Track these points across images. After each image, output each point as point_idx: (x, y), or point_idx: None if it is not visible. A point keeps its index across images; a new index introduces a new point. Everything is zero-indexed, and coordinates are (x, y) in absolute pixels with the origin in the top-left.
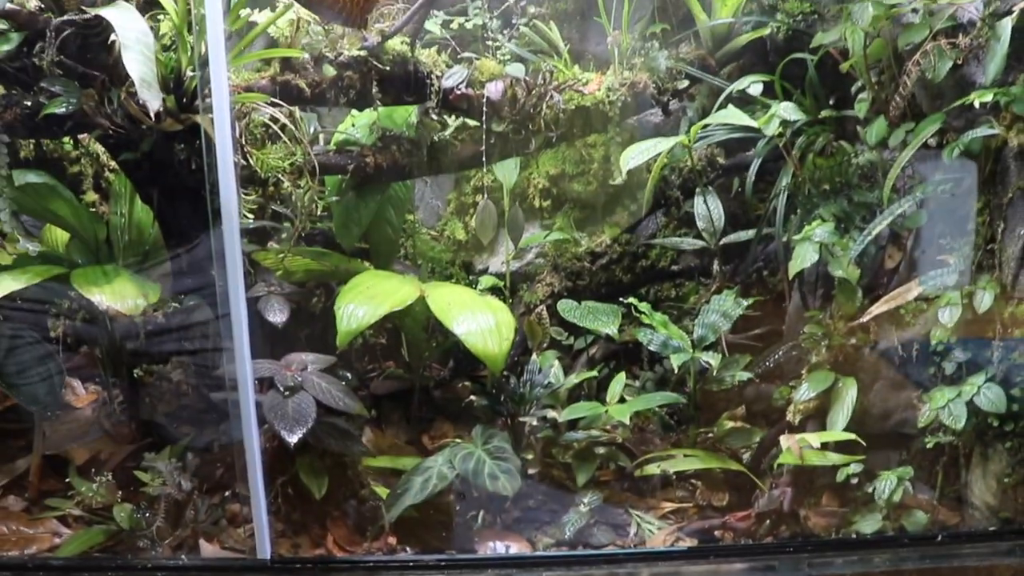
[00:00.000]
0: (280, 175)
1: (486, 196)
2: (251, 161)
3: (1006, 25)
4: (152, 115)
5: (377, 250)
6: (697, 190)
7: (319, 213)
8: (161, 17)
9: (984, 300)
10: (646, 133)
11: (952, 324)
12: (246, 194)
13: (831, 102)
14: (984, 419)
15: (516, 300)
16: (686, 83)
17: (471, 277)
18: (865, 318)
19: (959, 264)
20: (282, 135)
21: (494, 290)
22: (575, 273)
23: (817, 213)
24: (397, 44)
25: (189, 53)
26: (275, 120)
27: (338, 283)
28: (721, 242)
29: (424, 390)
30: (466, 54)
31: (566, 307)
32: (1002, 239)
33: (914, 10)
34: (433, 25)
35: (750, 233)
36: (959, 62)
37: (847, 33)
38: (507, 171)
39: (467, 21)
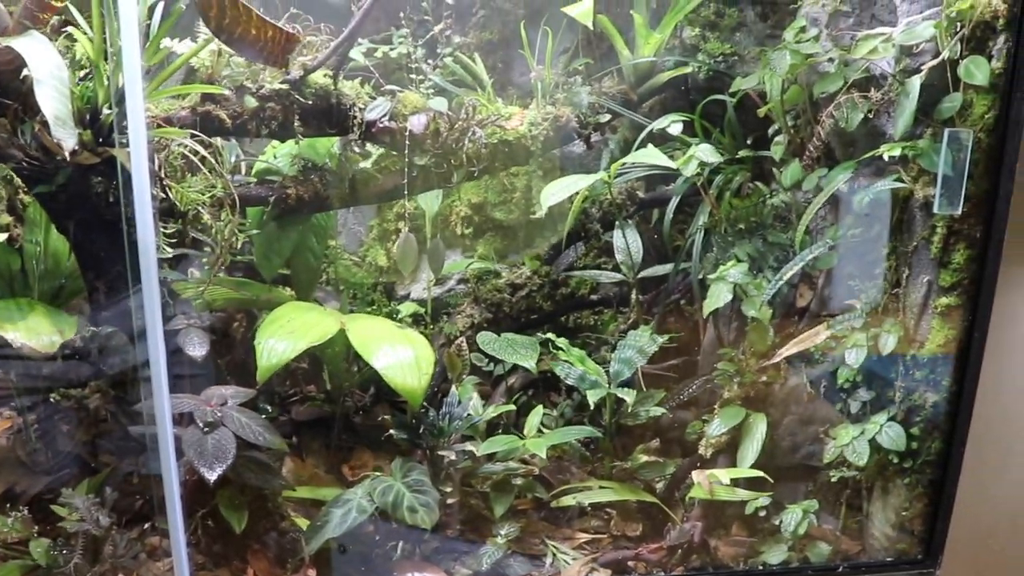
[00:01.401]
0: (200, 207)
1: (407, 228)
2: (170, 194)
3: (915, 83)
4: (67, 154)
5: (299, 278)
6: (616, 223)
7: (240, 246)
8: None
9: (888, 343)
10: (568, 164)
11: (858, 364)
12: (165, 226)
13: (749, 142)
14: (885, 455)
15: (437, 328)
16: (608, 116)
17: (393, 303)
18: (775, 359)
19: (866, 308)
20: (202, 167)
21: (415, 317)
22: (495, 304)
23: (732, 252)
24: (320, 77)
25: (106, 85)
26: (195, 152)
27: (260, 308)
28: (639, 275)
29: (345, 418)
30: (389, 87)
31: (485, 340)
32: (907, 285)
33: (830, 59)
34: (357, 53)
35: (667, 267)
36: (870, 115)
37: (765, 78)
38: (429, 201)
39: (391, 50)
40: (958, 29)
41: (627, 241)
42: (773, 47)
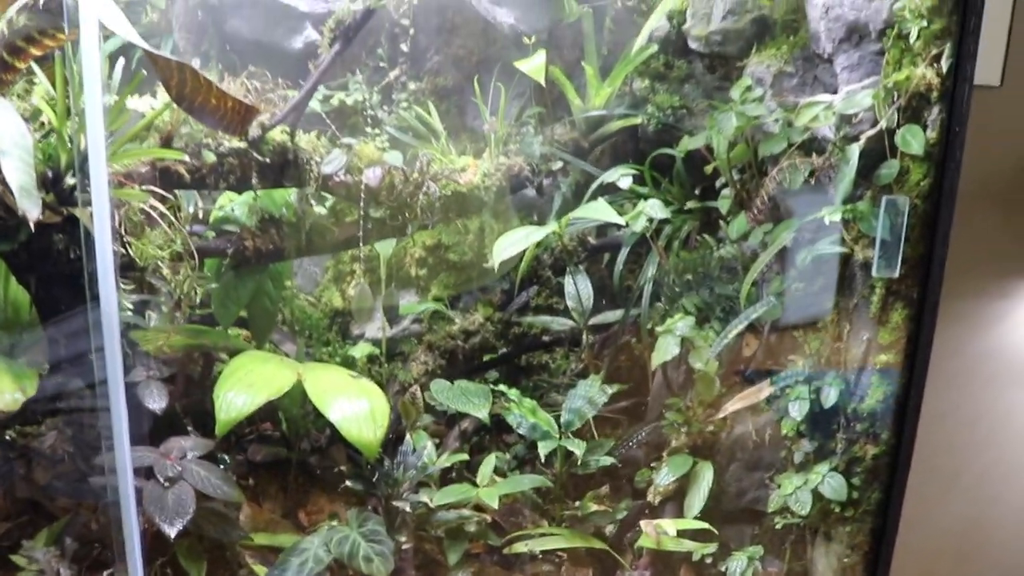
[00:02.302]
0: (159, 262)
1: (362, 280)
2: (130, 250)
3: (854, 150)
4: (32, 224)
5: (256, 322)
6: (568, 270)
7: (198, 299)
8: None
9: (830, 396)
10: (522, 207)
11: (801, 417)
12: (125, 281)
13: (697, 192)
14: (828, 504)
15: (392, 368)
16: (560, 164)
17: (348, 343)
18: (720, 414)
19: (808, 362)
20: (161, 223)
21: (371, 357)
22: (449, 351)
23: (680, 303)
24: (277, 134)
25: (69, 148)
26: (154, 208)
27: (218, 352)
28: (590, 322)
29: (302, 462)
30: (346, 140)
31: (438, 388)
32: (847, 340)
33: (775, 120)
34: (313, 101)
35: (617, 314)
36: (812, 180)
37: (712, 136)
38: (384, 245)
39: (347, 96)
40: (895, 99)
41: (578, 288)
42: (720, 103)
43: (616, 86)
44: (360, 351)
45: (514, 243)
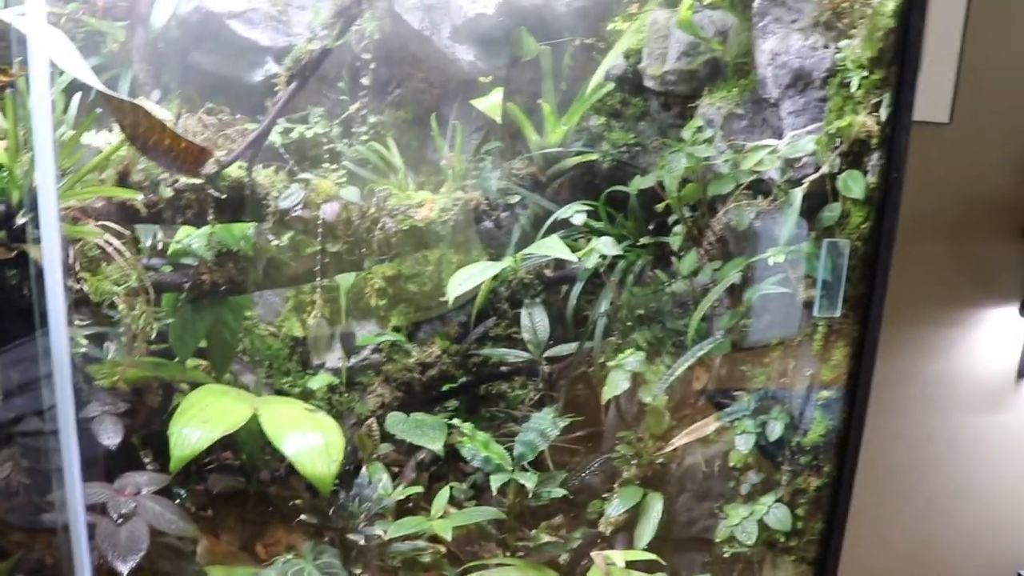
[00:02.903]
0: (115, 297)
1: (320, 315)
2: (85, 286)
3: (797, 194)
4: None
5: (215, 353)
6: (525, 302)
7: (154, 335)
8: None
9: (775, 430)
10: (481, 239)
11: (747, 450)
12: (80, 316)
13: (651, 227)
14: (773, 533)
15: (351, 398)
16: (518, 198)
17: (308, 373)
18: (669, 448)
19: (753, 398)
20: (117, 258)
21: (331, 387)
22: (406, 383)
23: (632, 338)
24: (234, 170)
25: (20, 185)
26: (109, 243)
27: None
28: (545, 354)
29: (260, 494)
30: (303, 175)
31: (394, 421)
32: (792, 376)
33: (725, 161)
34: (274, 134)
35: (573, 346)
36: (758, 221)
37: (663, 175)
38: (343, 277)
39: (308, 129)
40: (837, 145)
41: (533, 321)
42: (674, 140)
43: (573, 123)
44: (319, 382)
45: (469, 278)
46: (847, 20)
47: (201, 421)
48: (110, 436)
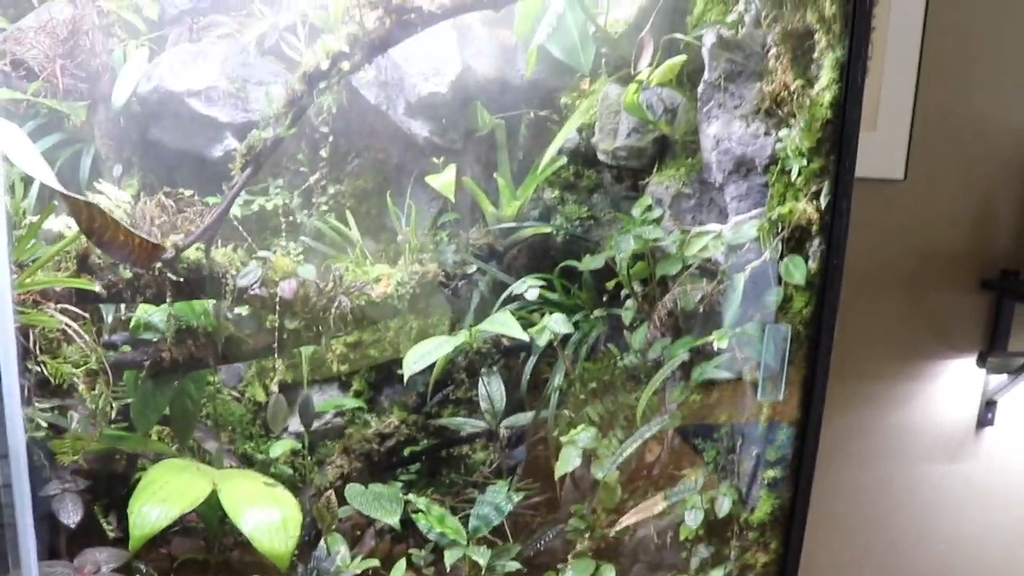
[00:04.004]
0: (75, 378)
1: (278, 392)
2: (45, 369)
3: (740, 279)
4: None
5: (177, 422)
6: (481, 371)
7: (113, 415)
8: None
9: (723, 506)
10: (438, 307)
11: (696, 525)
12: (40, 399)
13: (605, 299)
14: None
15: (314, 460)
16: (474, 268)
17: (272, 437)
18: (618, 527)
19: (700, 475)
20: (76, 339)
21: (293, 452)
22: (365, 454)
23: (584, 412)
24: (192, 252)
25: None
26: (69, 325)
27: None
28: (502, 424)
29: (222, 562)
30: (261, 253)
31: (353, 493)
32: (739, 453)
33: (673, 241)
34: (234, 207)
35: (528, 416)
36: (705, 303)
37: (613, 254)
38: (304, 349)
39: (267, 201)
40: (779, 231)
41: (490, 391)
42: (626, 215)
43: (527, 196)
44: (281, 448)
45: (425, 355)
46: (787, 108)
47: (160, 500)
48: (70, 515)
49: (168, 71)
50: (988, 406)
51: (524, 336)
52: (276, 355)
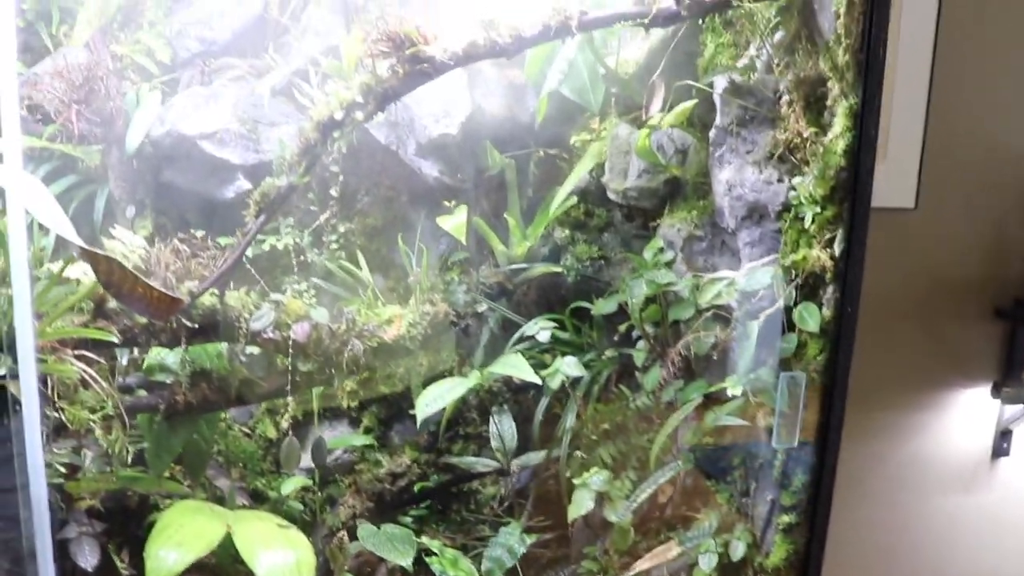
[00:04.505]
0: (92, 422)
1: (291, 434)
2: (62, 415)
3: (754, 327)
4: None
5: (189, 460)
6: (493, 410)
7: (129, 459)
8: None
9: (738, 550)
10: (448, 344)
11: (710, 569)
12: (57, 444)
13: (616, 339)
14: None
15: (325, 495)
16: (485, 306)
17: (283, 473)
18: (631, 572)
19: (716, 516)
20: (93, 385)
21: (305, 489)
22: (377, 494)
23: (596, 454)
24: (206, 298)
25: None
26: (85, 371)
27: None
28: (513, 463)
29: None
30: (274, 296)
31: (365, 533)
32: (753, 498)
33: (685, 285)
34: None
35: (540, 455)
36: (716, 351)
37: (625, 298)
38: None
39: (279, 240)
40: (793, 278)
41: (501, 430)
42: (637, 254)
43: (537, 236)
44: (293, 485)
45: (437, 399)
46: (800, 155)
47: (176, 544)
48: (87, 559)
49: (180, 114)
50: (1003, 436)
51: (536, 379)
52: (289, 396)
